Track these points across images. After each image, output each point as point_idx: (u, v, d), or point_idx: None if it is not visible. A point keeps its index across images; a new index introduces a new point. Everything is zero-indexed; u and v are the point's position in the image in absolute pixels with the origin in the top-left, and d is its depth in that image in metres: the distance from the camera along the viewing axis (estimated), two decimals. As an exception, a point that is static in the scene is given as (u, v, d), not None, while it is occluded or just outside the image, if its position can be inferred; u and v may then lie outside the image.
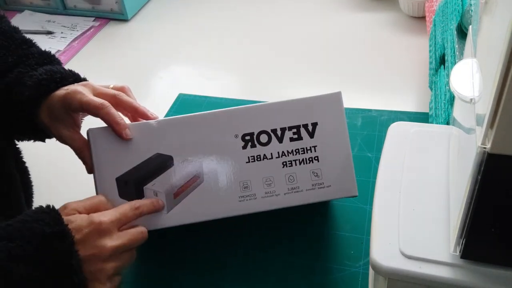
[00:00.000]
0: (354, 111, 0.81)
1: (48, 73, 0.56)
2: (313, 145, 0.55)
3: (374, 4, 1.13)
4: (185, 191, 0.54)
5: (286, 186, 0.55)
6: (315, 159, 0.55)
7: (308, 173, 0.55)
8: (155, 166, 0.54)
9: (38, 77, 0.55)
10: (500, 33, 0.29)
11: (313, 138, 0.55)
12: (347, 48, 1.01)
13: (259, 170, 0.54)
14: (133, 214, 0.51)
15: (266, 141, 0.55)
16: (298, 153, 0.55)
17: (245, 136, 0.54)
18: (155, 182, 0.54)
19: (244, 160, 0.54)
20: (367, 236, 0.62)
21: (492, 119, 0.30)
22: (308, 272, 0.59)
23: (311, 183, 0.55)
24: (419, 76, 0.89)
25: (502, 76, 0.29)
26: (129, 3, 1.19)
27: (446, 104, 0.66)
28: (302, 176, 0.55)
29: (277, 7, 1.19)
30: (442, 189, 0.45)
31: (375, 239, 0.42)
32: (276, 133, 0.55)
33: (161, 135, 0.54)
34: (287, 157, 0.55)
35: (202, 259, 0.62)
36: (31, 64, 0.57)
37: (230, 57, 1.03)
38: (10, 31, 0.60)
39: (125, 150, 0.55)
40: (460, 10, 0.72)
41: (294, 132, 0.55)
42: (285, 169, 0.55)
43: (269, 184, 0.55)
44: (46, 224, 0.44)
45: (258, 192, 0.55)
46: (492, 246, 0.37)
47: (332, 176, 0.55)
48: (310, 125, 0.55)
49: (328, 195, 0.55)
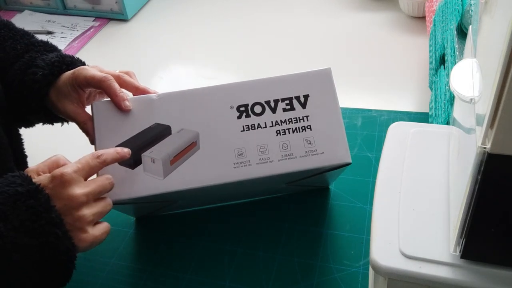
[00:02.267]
0: (354, 111, 0.81)
1: (59, 56, 0.61)
2: (306, 115, 0.57)
3: (374, 4, 1.13)
4: (182, 158, 0.56)
5: (280, 153, 0.56)
6: (307, 128, 0.57)
7: (301, 140, 0.57)
8: (153, 135, 0.56)
9: (50, 60, 0.60)
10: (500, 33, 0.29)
11: (305, 108, 0.57)
12: (347, 48, 1.01)
13: (253, 138, 0.56)
14: (96, 163, 0.51)
15: (260, 111, 0.57)
16: (291, 122, 0.57)
17: (240, 107, 0.57)
18: (152, 150, 0.56)
19: (239, 129, 0.56)
20: (367, 236, 0.62)
21: (492, 119, 0.30)
22: (308, 272, 0.59)
23: (304, 150, 0.56)
24: (419, 76, 0.89)
25: (502, 76, 0.29)
26: (129, 3, 1.19)
27: (446, 104, 0.66)
28: (295, 143, 0.56)
29: (277, 8, 1.19)
30: (442, 189, 0.45)
31: (375, 239, 0.42)
32: (270, 104, 0.57)
33: (160, 107, 0.57)
34: (280, 126, 0.57)
35: (201, 259, 0.62)
36: (40, 50, 0.62)
37: (230, 57, 1.03)
38: (10, 24, 0.64)
39: (125, 122, 0.57)
40: (460, 10, 0.72)
41: (287, 104, 0.57)
42: (278, 137, 0.56)
43: (263, 151, 0.56)
44: (19, 185, 0.45)
45: (253, 159, 0.56)
46: (492, 246, 0.37)
47: (325, 143, 0.57)
48: (302, 97, 0.57)
49: (322, 162, 0.56)
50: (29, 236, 0.43)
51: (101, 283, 0.61)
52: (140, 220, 0.69)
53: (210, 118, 0.57)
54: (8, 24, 0.64)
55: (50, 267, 0.45)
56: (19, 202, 0.44)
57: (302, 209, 0.67)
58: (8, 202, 0.44)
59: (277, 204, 0.68)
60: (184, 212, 0.69)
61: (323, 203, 0.67)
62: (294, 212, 0.67)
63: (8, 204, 0.44)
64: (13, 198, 0.44)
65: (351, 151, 0.58)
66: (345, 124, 0.79)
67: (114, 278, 0.62)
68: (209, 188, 0.55)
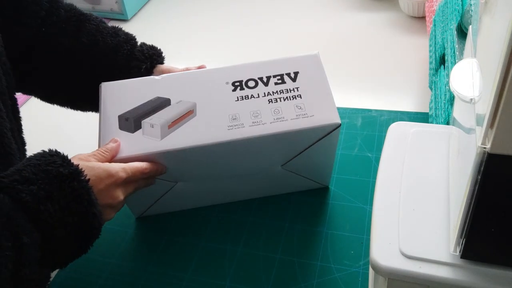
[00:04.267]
0: (354, 111, 0.81)
1: (151, 48, 0.69)
2: (296, 87, 0.61)
3: (374, 4, 1.13)
4: (178, 123, 0.59)
5: (272, 116, 0.59)
6: (298, 97, 0.60)
7: (292, 106, 0.59)
8: (154, 105, 0.60)
9: (148, 52, 0.68)
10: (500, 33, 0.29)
11: (295, 82, 0.61)
12: (347, 48, 1.01)
13: (247, 106, 0.60)
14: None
15: (254, 85, 0.61)
16: (283, 92, 0.61)
17: (235, 83, 0.61)
18: (152, 117, 0.59)
19: (233, 99, 0.60)
20: (367, 236, 0.62)
21: (492, 119, 0.30)
22: (308, 272, 0.59)
23: (295, 114, 0.59)
24: (419, 76, 0.89)
25: (502, 76, 0.29)
26: (129, 3, 1.19)
27: (446, 104, 0.66)
28: (286, 109, 0.59)
29: (277, 7, 1.19)
30: (442, 189, 0.45)
31: (375, 239, 0.42)
32: (262, 79, 0.62)
33: (162, 85, 0.62)
34: (272, 96, 0.60)
35: (201, 259, 0.62)
36: (130, 41, 0.69)
37: (230, 57, 1.03)
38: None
39: (130, 98, 0.61)
40: (460, 10, 0.72)
41: (278, 79, 0.62)
42: (270, 104, 0.60)
43: (256, 116, 0.59)
44: (60, 166, 0.48)
45: (246, 122, 0.59)
46: (492, 246, 0.37)
47: (315, 108, 0.60)
48: (293, 73, 0.62)
49: (312, 123, 0.58)
50: (72, 215, 0.47)
51: (101, 284, 0.61)
52: (140, 220, 0.69)
53: (207, 92, 0.61)
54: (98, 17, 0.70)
55: (83, 237, 0.49)
56: (64, 184, 0.47)
57: (302, 209, 0.67)
58: (53, 182, 0.46)
59: (277, 204, 0.68)
60: (184, 212, 0.69)
61: (323, 203, 0.67)
62: (294, 212, 0.67)
63: (54, 185, 0.46)
64: (58, 179, 0.47)
65: (351, 151, 0.58)
66: (345, 124, 0.79)
67: (114, 278, 0.62)
68: (204, 151, 0.58)
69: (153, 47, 0.71)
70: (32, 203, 0.44)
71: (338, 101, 0.86)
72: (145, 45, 0.70)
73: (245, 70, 0.62)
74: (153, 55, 0.69)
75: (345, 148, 0.74)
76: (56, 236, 0.46)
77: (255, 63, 0.63)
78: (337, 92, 0.89)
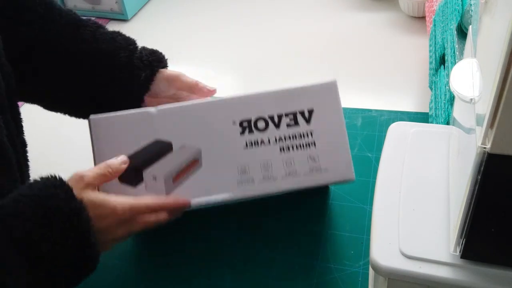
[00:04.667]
0: (354, 111, 0.81)
1: (151, 53, 0.66)
2: (310, 131, 0.56)
3: (374, 4, 1.13)
4: (184, 176, 0.55)
5: (283, 170, 0.55)
6: (312, 145, 0.55)
7: (305, 157, 0.55)
8: (154, 151, 0.54)
9: (147, 59, 0.65)
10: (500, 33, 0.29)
11: (309, 124, 0.55)
12: (347, 48, 1.01)
13: (257, 155, 0.55)
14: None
15: (264, 127, 0.55)
16: (295, 138, 0.55)
17: (242, 123, 0.55)
18: (154, 167, 0.54)
19: (242, 146, 0.55)
20: (367, 236, 0.62)
21: (492, 119, 0.30)
22: (308, 272, 0.59)
23: (308, 167, 0.55)
24: (419, 76, 0.89)
25: (502, 76, 0.29)
26: (129, 3, 1.19)
27: (446, 104, 0.66)
28: (299, 160, 0.55)
29: (277, 7, 1.19)
30: (442, 189, 0.45)
31: (375, 239, 0.42)
32: (273, 119, 0.55)
33: (160, 122, 0.55)
34: (284, 142, 0.55)
35: (202, 259, 0.62)
36: (129, 48, 0.65)
37: (230, 57, 1.03)
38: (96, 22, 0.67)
39: (125, 138, 0.56)
40: (460, 10, 0.72)
41: (291, 119, 0.55)
42: (282, 154, 0.55)
43: (267, 169, 0.55)
44: (62, 200, 0.45)
45: (256, 176, 0.55)
46: (492, 246, 0.37)
47: (329, 160, 0.56)
48: (307, 111, 0.55)
49: (326, 180, 0.56)
50: (67, 253, 0.45)
51: (101, 284, 0.61)
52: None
53: (212, 134, 0.55)
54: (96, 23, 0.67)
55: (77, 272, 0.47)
56: (63, 222, 0.45)
57: (302, 209, 0.67)
58: (52, 222, 0.44)
59: (277, 204, 0.68)
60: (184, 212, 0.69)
61: (323, 203, 0.67)
62: (294, 212, 0.67)
63: (52, 225, 0.44)
64: (57, 217, 0.45)
65: (351, 151, 0.58)
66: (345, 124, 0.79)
67: (114, 279, 0.62)
68: (213, 204, 0.55)
69: (154, 51, 0.67)
70: (24, 240, 0.42)
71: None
72: (145, 50, 0.66)
73: (254, 105, 0.55)
74: (153, 61, 0.65)
75: (345, 148, 0.74)
76: (47, 269, 0.44)
77: (264, 94, 0.56)
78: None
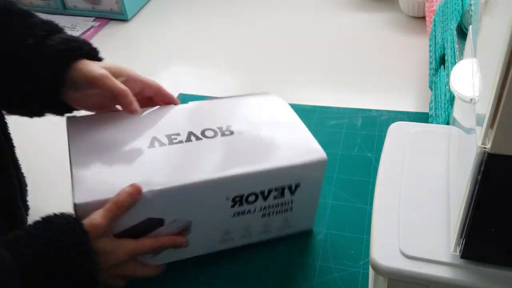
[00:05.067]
0: (354, 111, 0.81)
1: (64, 42, 0.55)
2: (292, 200, 0.59)
3: (374, 4, 1.13)
4: None
5: (260, 230, 0.61)
6: (289, 209, 0.60)
7: (281, 219, 0.60)
8: (145, 227, 0.53)
9: (56, 48, 0.54)
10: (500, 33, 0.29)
11: (293, 195, 0.58)
12: (347, 48, 1.01)
13: (241, 222, 0.58)
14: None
15: (253, 200, 0.56)
16: (278, 206, 0.58)
17: (235, 198, 0.55)
18: None
19: (230, 215, 0.57)
20: (367, 236, 0.62)
21: (492, 119, 0.30)
22: (308, 272, 0.59)
23: (281, 225, 0.61)
24: (419, 76, 0.89)
25: (502, 76, 0.29)
26: (129, 3, 1.19)
27: (446, 104, 0.66)
28: (275, 223, 0.60)
29: (277, 8, 1.19)
30: (442, 189, 0.45)
31: (375, 239, 0.42)
32: (264, 193, 0.56)
33: (153, 203, 0.52)
34: (267, 210, 0.58)
35: (201, 259, 0.62)
36: (38, 34, 0.55)
37: (230, 57, 1.03)
38: (5, 4, 0.58)
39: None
40: (460, 10, 0.72)
41: (278, 192, 0.57)
42: (263, 218, 0.59)
43: (247, 230, 0.60)
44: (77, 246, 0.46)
45: (236, 236, 0.60)
46: (492, 246, 0.37)
47: (298, 220, 0.62)
48: (294, 185, 0.57)
49: (290, 232, 0.63)
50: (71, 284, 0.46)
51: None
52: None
53: (204, 209, 0.55)
54: (1, 5, 0.57)
55: None
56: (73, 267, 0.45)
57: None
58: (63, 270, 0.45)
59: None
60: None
61: (323, 203, 0.67)
62: (294, 212, 0.67)
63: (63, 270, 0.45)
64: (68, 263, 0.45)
65: (351, 151, 0.58)
66: (345, 124, 0.79)
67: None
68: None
69: (69, 40, 0.55)
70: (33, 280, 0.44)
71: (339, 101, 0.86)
72: (60, 38, 0.55)
73: (249, 182, 0.54)
74: (63, 50, 0.54)
75: (345, 148, 0.74)
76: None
77: (262, 173, 0.54)
78: (337, 92, 0.90)
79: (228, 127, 0.59)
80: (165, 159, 0.55)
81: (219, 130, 0.59)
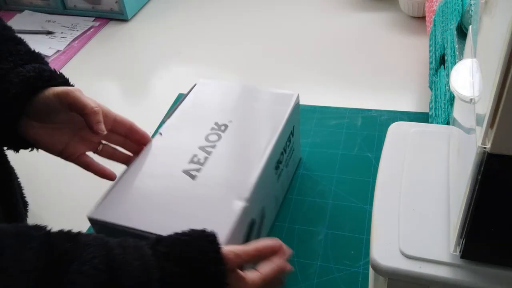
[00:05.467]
0: (354, 111, 0.81)
1: (36, 70, 0.52)
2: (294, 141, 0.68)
3: (374, 4, 1.13)
4: None
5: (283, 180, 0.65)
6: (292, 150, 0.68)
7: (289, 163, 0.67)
8: (246, 233, 0.55)
9: (25, 75, 0.51)
10: (500, 33, 0.29)
11: (293, 137, 0.67)
12: (347, 48, 1.01)
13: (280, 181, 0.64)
14: None
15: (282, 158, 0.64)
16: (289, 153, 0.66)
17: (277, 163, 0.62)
18: None
19: (276, 180, 0.63)
20: (367, 236, 0.62)
21: (492, 119, 0.30)
22: (308, 272, 0.59)
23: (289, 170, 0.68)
24: (419, 76, 0.89)
25: (502, 76, 0.29)
26: (129, 3, 1.19)
27: (446, 104, 0.66)
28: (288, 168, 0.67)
29: (277, 8, 1.19)
30: (442, 189, 0.45)
31: (375, 239, 0.42)
32: (285, 148, 0.64)
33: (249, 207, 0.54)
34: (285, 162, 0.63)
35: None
36: (15, 61, 0.53)
37: (230, 57, 1.03)
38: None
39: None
40: (460, 10, 0.72)
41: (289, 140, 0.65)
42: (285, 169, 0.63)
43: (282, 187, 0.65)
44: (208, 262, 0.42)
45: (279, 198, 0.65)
46: (492, 246, 0.37)
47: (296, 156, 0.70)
48: (292, 128, 0.66)
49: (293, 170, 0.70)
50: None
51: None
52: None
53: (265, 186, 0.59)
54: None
55: None
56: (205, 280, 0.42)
57: (302, 209, 0.67)
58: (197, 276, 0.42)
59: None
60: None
61: (323, 203, 0.67)
62: (294, 212, 0.67)
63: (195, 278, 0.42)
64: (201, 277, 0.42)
65: (351, 151, 0.58)
66: (345, 124, 0.79)
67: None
68: None
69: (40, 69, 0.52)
70: None
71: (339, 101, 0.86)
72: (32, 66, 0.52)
73: (279, 144, 0.61)
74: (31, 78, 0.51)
75: (345, 148, 0.74)
76: None
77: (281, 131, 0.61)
78: (337, 92, 0.90)
79: (219, 124, 0.63)
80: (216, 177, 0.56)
81: (217, 127, 0.63)
